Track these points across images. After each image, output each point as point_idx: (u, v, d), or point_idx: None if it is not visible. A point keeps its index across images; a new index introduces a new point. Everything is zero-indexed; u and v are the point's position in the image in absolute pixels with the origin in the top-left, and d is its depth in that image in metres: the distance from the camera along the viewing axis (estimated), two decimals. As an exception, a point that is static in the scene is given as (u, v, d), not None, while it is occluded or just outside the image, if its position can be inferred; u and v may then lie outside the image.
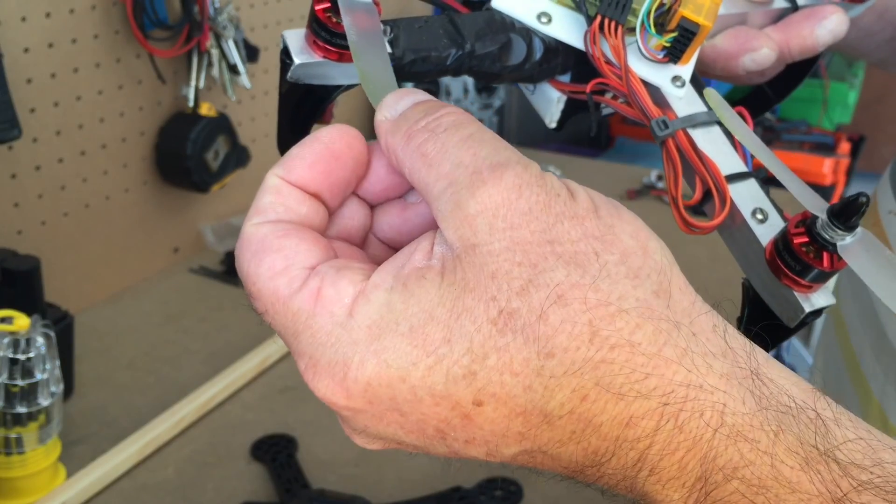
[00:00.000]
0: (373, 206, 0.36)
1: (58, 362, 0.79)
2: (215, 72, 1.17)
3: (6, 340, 0.76)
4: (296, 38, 0.38)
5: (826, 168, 2.33)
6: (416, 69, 0.38)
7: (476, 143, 0.31)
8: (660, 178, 1.55)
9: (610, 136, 2.66)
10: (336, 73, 0.38)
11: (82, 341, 1.01)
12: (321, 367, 0.30)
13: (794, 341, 2.22)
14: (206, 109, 1.18)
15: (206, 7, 1.12)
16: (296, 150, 0.33)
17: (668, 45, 0.39)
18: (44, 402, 0.77)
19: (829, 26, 0.48)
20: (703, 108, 0.41)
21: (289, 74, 0.38)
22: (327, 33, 0.36)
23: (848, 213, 0.33)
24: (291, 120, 0.41)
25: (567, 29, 0.40)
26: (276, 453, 0.86)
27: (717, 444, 0.29)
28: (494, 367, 0.29)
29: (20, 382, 0.76)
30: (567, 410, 0.29)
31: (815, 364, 0.82)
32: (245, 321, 1.11)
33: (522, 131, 1.99)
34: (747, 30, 0.47)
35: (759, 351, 0.31)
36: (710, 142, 0.39)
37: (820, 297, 0.36)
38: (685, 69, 0.41)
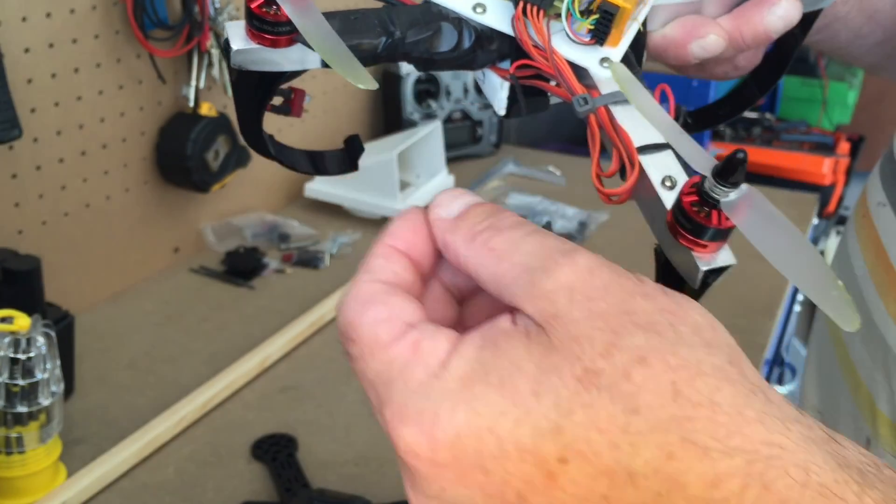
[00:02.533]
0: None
1: (58, 362, 0.79)
2: (216, 72, 1.17)
3: (7, 340, 0.76)
4: (236, 28, 0.41)
5: (825, 168, 2.33)
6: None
7: (541, 235, 0.33)
8: (659, 178, 1.55)
9: (610, 137, 2.66)
10: (272, 58, 0.41)
11: (83, 341, 1.01)
12: (409, 415, 0.30)
13: (794, 340, 2.22)
14: (206, 109, 1.18)
15: (207, 7, 1.12)
16: (399, 219, 0.36)
17: (592, 27, 0.41)
18: (44, 401, 0.77)
19: (778, 12, 0.48)
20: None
21: (230, 61, 0.41)
22: (258, 21, 0.40)
23: (729, 170, 0.34)
24: (245, 107, 0.45)
25: (500, 17, 0.43)
26: (277, 453, 0.87)
27: (805, 503, 0.28)
28: (581, 423, 0.29)
29: (21, 382, 0.76)
30: (652, 469, 0.29)
31: (808, 355, 0.83)
32: (245, 321, 1.11)
33: (522, 131, 1.99)
34: (696, 17, 0.48)
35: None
36: (631, 118, 0.41)
37: (718, 257, 0.37)
38: (614, 51, 0.43)
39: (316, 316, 1.09)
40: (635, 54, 0.45)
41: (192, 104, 1.17)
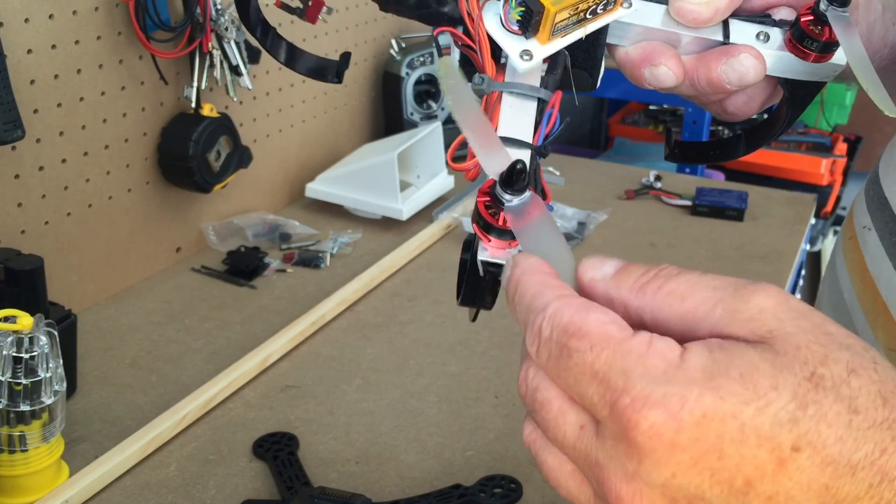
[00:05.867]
0: None
1: (61, 361, 0.79)
2: (217, 73, 1.18)
3: (10, 339, 0.76)
4: None
5: (823, 168, 2.34)
6: None
7: (712, 275, 0.35)
8: (658, 178, 1.56)
9: (609, 137, 2.67)
10: None
11: (85, 340, 1.02)
12: (654, 399, 0.32)
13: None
14: (208, 110, 1.19)
15: (208, 8, 1.13)
16: (538, 260, 0.37)
17: (519, 18, 0.44)
18: (47, 400, 0.78)
19: (734, 64, 0.49)
20: (541, 89, 0.45)
21: None
22: None
23: (509, 180, 0.37)
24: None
25: None
26: (278, 451, 0.87)
27: None
28: (813, 417, 0.31)
29: (24, 381, 0.76)
30: (869, 462, 0.32)
31: None
32: (246, 320, 1.12)
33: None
34: (660, 45, 0.49)
35: None
36: (517, 110, 0.43)
37: (497, 253, 0.41)
38: (540, 48, 0.45)
39: (317, 315, 1.09)
40: (588, 62, 0.48)
41: (193, 105, 1.18)
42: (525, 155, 0.42)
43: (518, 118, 0.43)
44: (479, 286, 0.42)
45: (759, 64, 0.49)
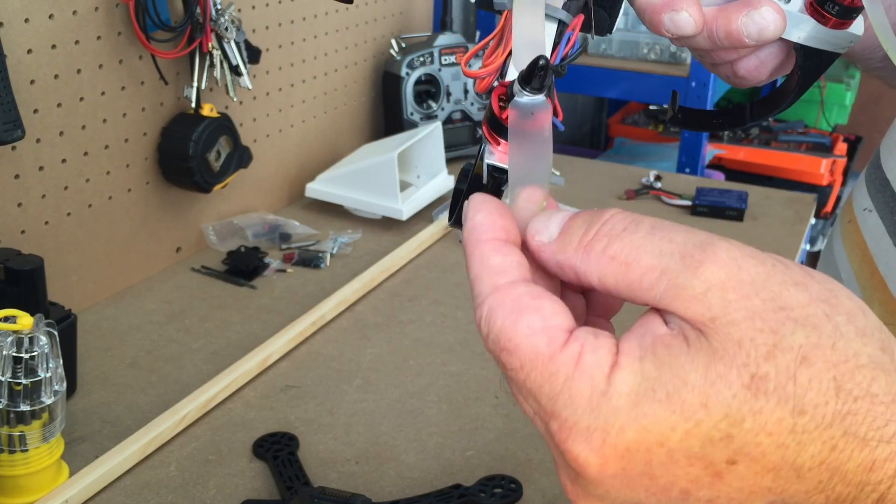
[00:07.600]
0: None
1: (61, 361, 0.79)
2: (217, 73, 1.18)
3: (10, 339, 0.76)
4: None
5: (823, 168, 2.34)
6: None
7: (663, 231, 0.32)
8: (658, 178, 1.56)
9: (609, 137, 2.67)
10: None
11: (85, 340, 1.02)
12: (579, 431, 0.31)
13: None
14: (208, 110, 1.19)
15: (208, 8, 1.13)
16: (479, 211, 0.35)
17: None
18: (47, 400, 0.78)
19: (755, 17, 0.48)
20: (562, 10, 0.44)
21: None
22: None
23: (529, 77, 0.36)
24: None
25: None
26: (278, 451, 0.87)
27: None
28: (750, 430, 0.30)
29: (24, 381, 0.76)
30: (817, 462, 0.30)
31: None
32: (246, 320, 1.12)
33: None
34: None
35: None
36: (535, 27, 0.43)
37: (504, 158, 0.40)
38: None
39: (317, 315, 1.09)
40: (608, 2, 0.47)
41: (193, 105, 1.18)
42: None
43: (536, 33, 0.43)
44: None
45: (780, 19, 0.48)
